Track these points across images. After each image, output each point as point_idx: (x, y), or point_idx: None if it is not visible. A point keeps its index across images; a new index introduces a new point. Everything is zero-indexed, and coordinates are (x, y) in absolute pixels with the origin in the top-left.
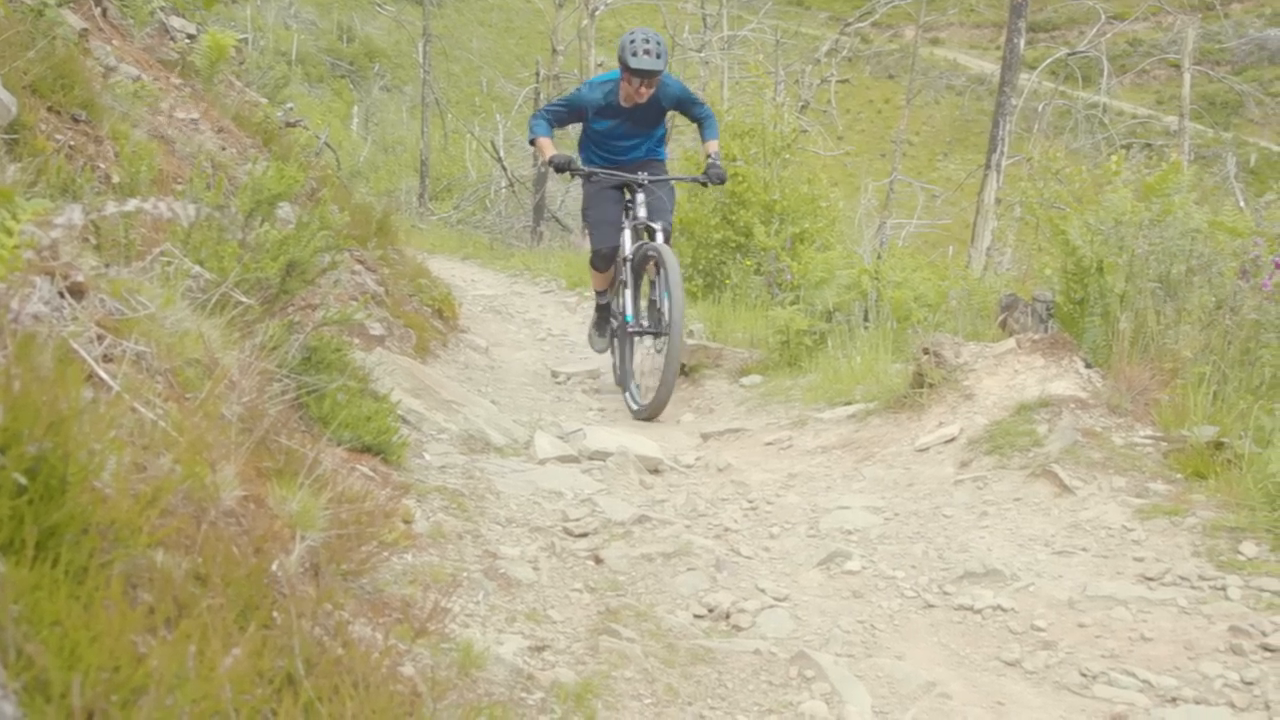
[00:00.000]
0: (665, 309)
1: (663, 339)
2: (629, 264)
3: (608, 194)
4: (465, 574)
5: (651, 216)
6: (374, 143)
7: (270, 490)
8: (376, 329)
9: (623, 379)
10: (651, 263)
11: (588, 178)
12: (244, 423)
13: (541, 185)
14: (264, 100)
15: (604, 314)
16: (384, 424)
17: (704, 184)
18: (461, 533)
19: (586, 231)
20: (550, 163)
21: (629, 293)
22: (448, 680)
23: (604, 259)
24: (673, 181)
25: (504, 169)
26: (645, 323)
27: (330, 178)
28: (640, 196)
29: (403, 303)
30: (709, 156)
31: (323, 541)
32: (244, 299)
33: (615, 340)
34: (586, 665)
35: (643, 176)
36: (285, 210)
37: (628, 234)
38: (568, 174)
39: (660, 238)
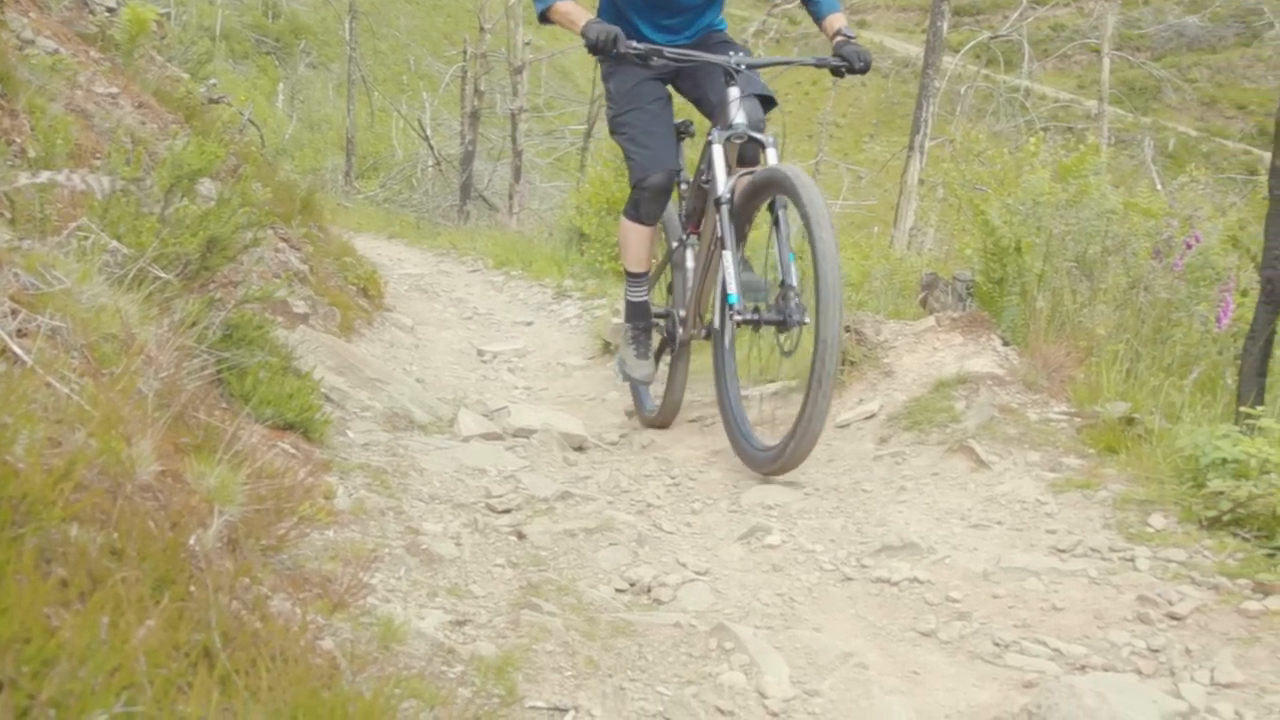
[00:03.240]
0: (793, 277)
1: (794, 333)
2: (726, 207)
3: (650, 88)
4: (387, 550)
5: (754, 124)
6: (299, 120)
7: (188, 466)
8: (300, 307)
9: (730, 413)
10: (771, 200)
11: (645, 60)
12: (161, 398)
13: (468, 164)
14: (186, 76)
15: (644, 318)
16: (306, 401)
17: (839, 72)
18: (384, 509)
19: (624, 152)
20: (585, 35)
21: (730, 256)
22: (367, 654)
23: (654, 198)
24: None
25: (431, 148)
26: (766, 308)
27: (254, 155)
28: (733, 92)
29: (327, 281)
30: (838, 34)
31: (241, 517)
32: (163, 274)
33: (674, 354)
34: (507, 639)
35: (737, 58)
36: (207, 187)
37: (718, 155)
38: (612, 56)
39: (774, 157)
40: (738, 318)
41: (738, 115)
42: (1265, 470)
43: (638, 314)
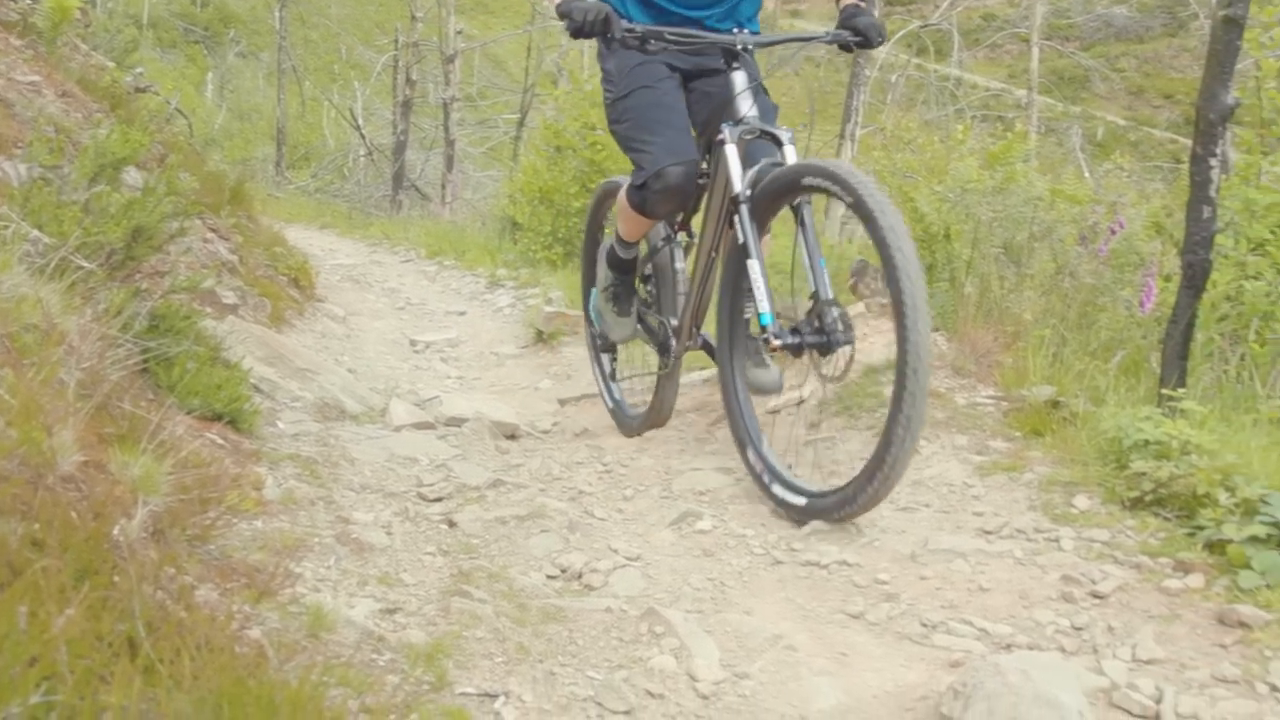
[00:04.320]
0: (828, 288)
1: (839, 355)
2: (747, 208)
3: (658, 68)
4: (317, 539)
5: (766, 116)
6: (229, 110)
7: (112, 456)
8: (229, 297)
9: (759, 458)
10: (802, 201)
11: (641, 43)
12: (83, 388)
13: (400, 153)
14: (112, 65)
15: (626, 271)
16: (235, 392)
17: (848, 47)
18: (314, 499)
19: (627, 145)
20: (566, 16)
21: (757, 267)
22: (296, 643)
23: (668, 197)
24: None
25: (363, 137)
26: (804, 331)
27: (181, 144)
28: (739, 79)
29: (257, 271)
30: (849, 2)
31: (166, 507)
32: (85, 264)
33: (663, 368)
34: (438, 626)
35: (742, 36)
36: (133, 176)
37: (732, 155)
38: (610, 37)
39: (792, 155)
40: (776, 341)
41: (747, 107)
42: (1186, 451)
43: (621, 267)
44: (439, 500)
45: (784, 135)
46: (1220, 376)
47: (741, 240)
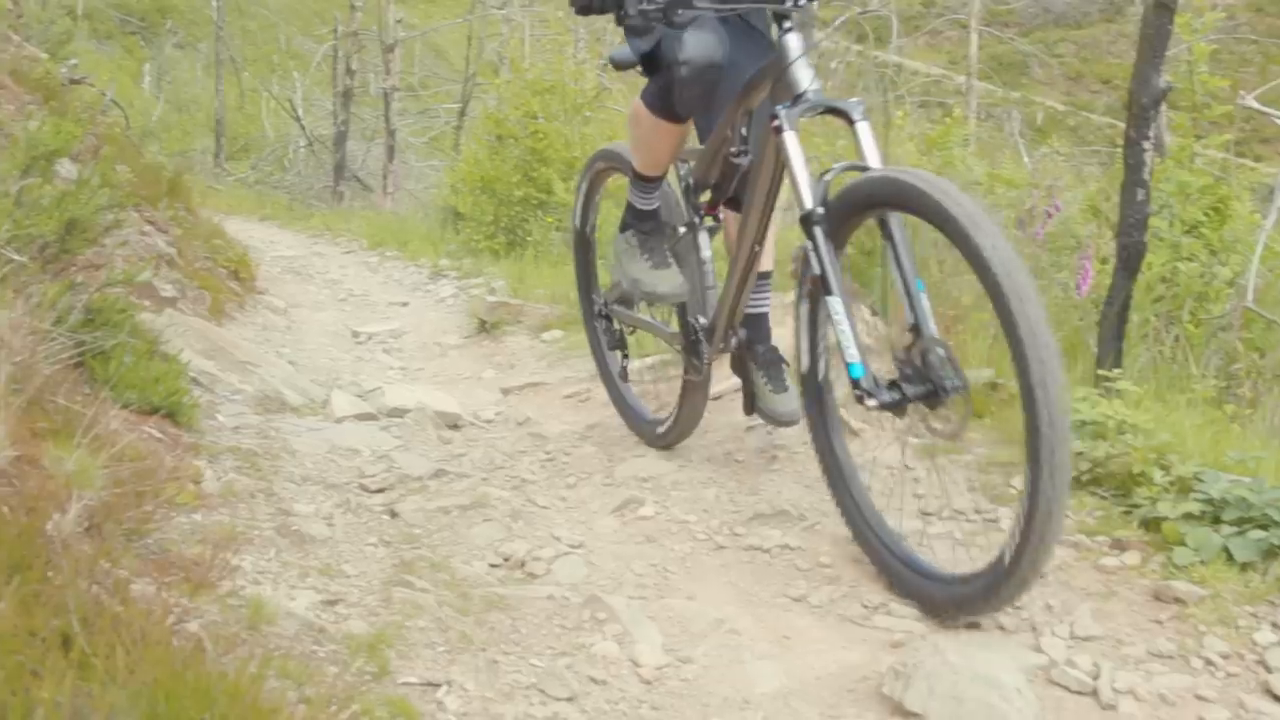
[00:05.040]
0: (931, 320)
1: (950, 405)
2: (821, 229)
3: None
4: (257, 532)
5: (805, 78)
6: (167, 102)
7: (45, 450)
8: (168, 291)
9: (877, 536)
10: (882, 217)
11: (665, 17)
12: (15, 383)
13: (341, 144)
14: (45, 56)
15: (650, 221)
16: (174, 385)
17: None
18: (254, 491)
19: (649, 51)
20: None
21: (839, 305)
22: (235, 636)
23: (697, 78)
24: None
25: (303, 128)
26: (905, 381)
27: (117, 136)
28: (794, 42)
29: (196, 264)
30: None
31: (101, 501)
32: (16, 257)
33: (689, 374)
34: (380, 617)
35: None
36: (67, 168)
37: (793, 145)
38: (624, 15)
39: (869, 137)
40: (872, 401)
41: (808, 79)
42: (1122, 431)
43: (643, 219)
44: (381, 491)
45: (855, 110)
46: (1155, 357)
47: (818, 271)
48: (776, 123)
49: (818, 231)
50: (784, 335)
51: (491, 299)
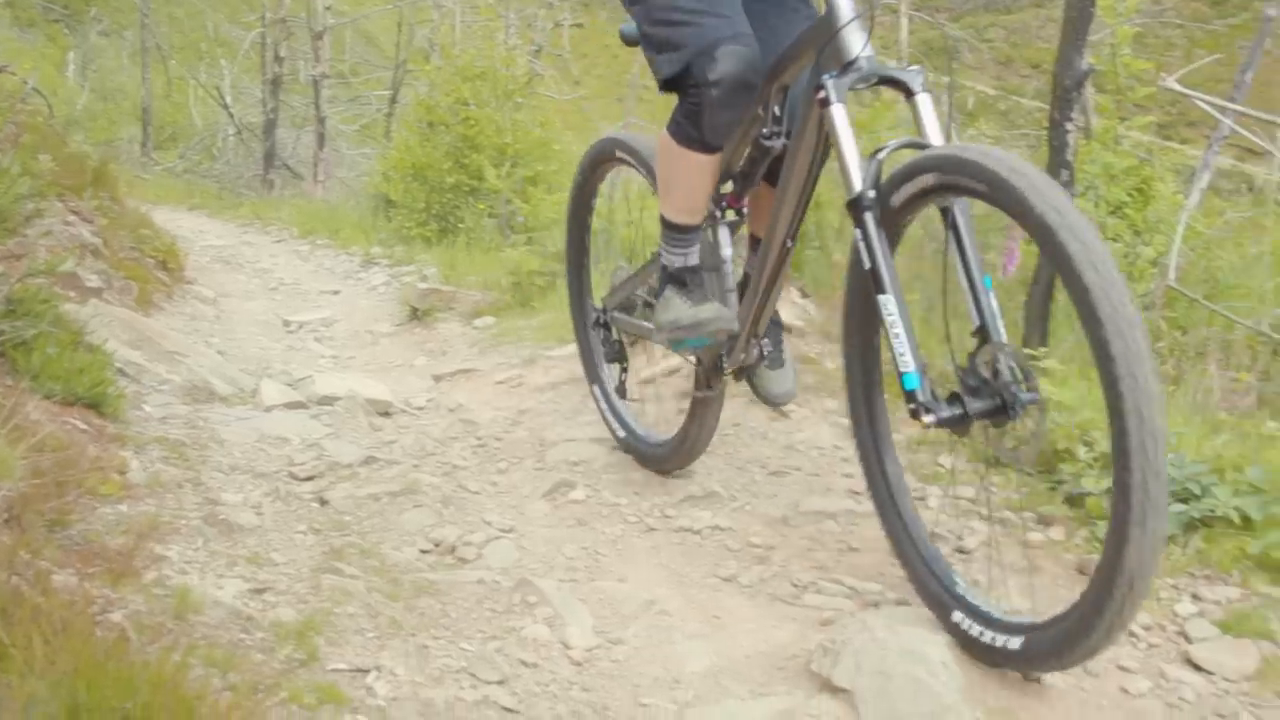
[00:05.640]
0: (1001, 325)
1: (1023, 421)
2: (873, 215)
3: None
4: (184, 521)
5: (857, 44)
6: (92, 90)
7: None
8: (93, 281)
9: (919, 568)
10: (946, 204)
11: None
12: None
13: (271, 132)
14: None
15: (693, 279)
16: (98, 375)
17: None
18: (181, 481)
19: (660, 37)
20: None
21: (897, 306)
22: (160, 625)
23: (730, 94)
24: None
25: (231, 116)
26: (969, 394)
27: (39, 125)
28: (844, 1)
29: (122, 254)
30: None
31: (20, 492)
32: None
33: (700, 389)
34: (309, 604)
35: None
36: None
37: (842, 119)
38: None
39: (931, 110)
40: (928, 417)
41: (860, 45)
42: (1049, 409)
43: (684, 281)
44: (311, 479)
45: (915, 80)
46: (1080, 336)
47: (868, 265)
48: (823, 94)
49: (869, 218)
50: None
51: (423, 286)
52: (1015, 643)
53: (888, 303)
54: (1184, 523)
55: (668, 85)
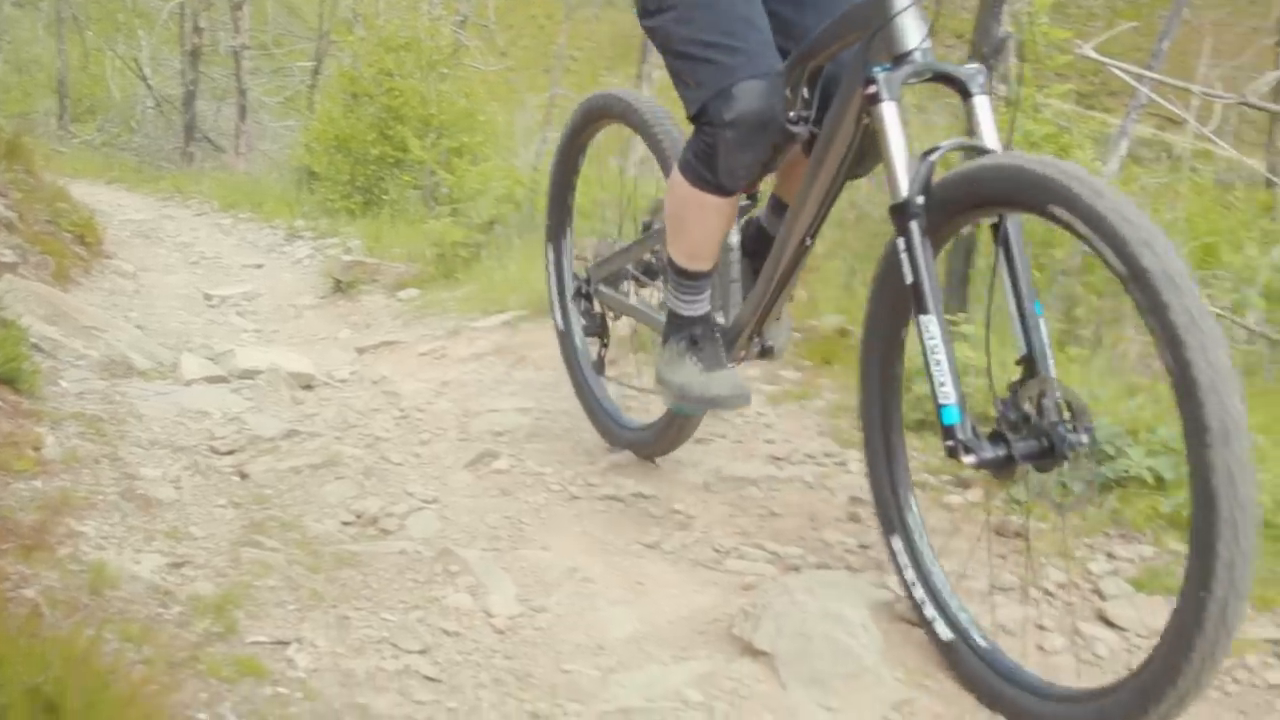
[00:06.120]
0: (1050, 359)
1: (1075, 467)
2: (919, 223)
3: None
4: (101, 497)
5: (914, 34)
6: (6, 62)
7: None
8: (8, 256)
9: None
10: (997, 219)
11: None
12: None
13: (191, 104)
14: None
15: (701, 325)
16: (13, 351)
17: None
18: (98, 457)
19: (680, 69)
20: None
21: (936, 327)
22: (75, 600)
23: (749, 134)
24: None
25: (150, 88)
26: (1012, 431)
27: None
28: None
29: (37, 228)
30: None
31: None
32: None
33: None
34: (228, 577)
35: None
36: None
37: (893, 122)
38: None
39: (988, 113)
40: (968, 458)
41: (916, 34)
42: (965, 373)
43: (690, 325)
44: (231, 453)
45: (973, 80)
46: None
47: (909, 279)
48: (873, 89)
49: (914, 227)
50: None
51: (347, 259)
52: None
53: (930, 324)
54: (1099, 484)
55: (690, 118)
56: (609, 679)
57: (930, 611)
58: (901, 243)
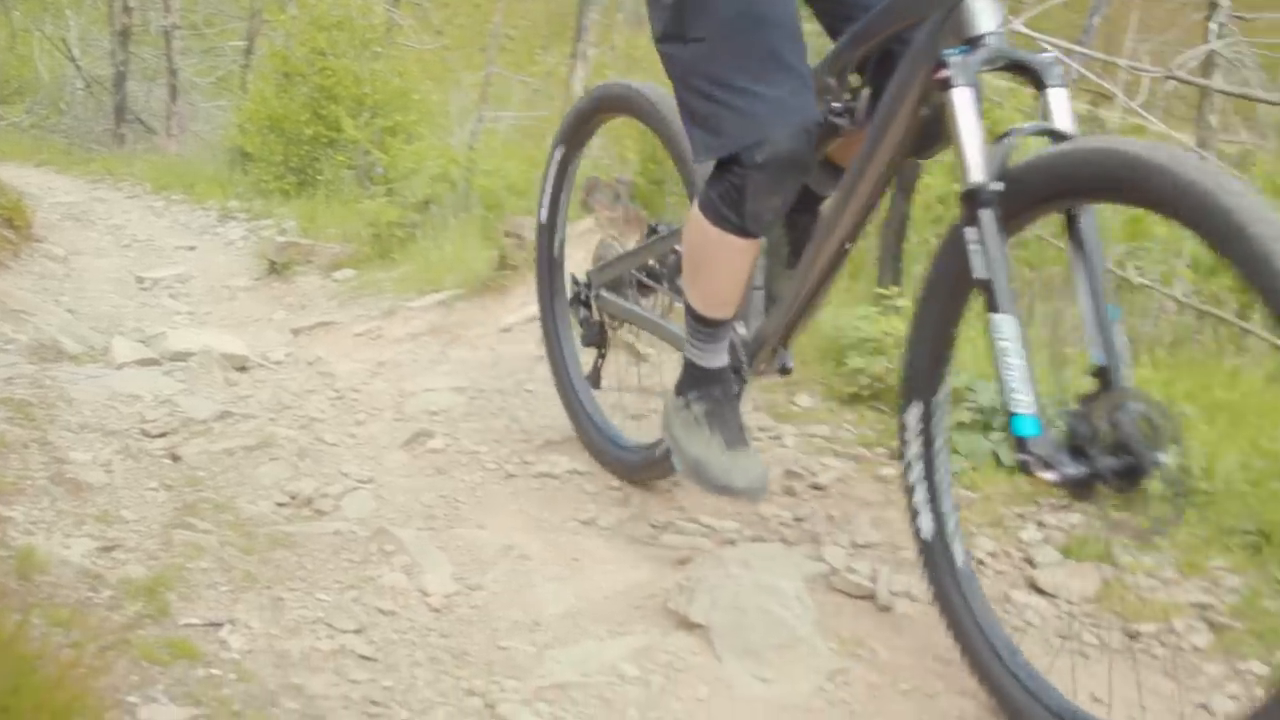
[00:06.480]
0: (1122, 361)
1: (1157, 486)
2: (993, 212)
3: None
4: (30, 482)
5: (990, 17)
6: None
7: None
8: None
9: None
10: (1071, 210)
11: None
12: None
13: (121, 86)
14: None
15: (721, 384)
16: None
17: None
18: (27, 441)
19: (704, 112)
20: None
21: (1011, 326)
22: (2, 585)
23: (776, 178)
24: None
25: (79, 69)
26: (1091, 444)
27: None
28: None
29: None
30: None
31: None
32: None
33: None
34: (160, 560)
35: None
36: None
37: (965, 107)
38: None
39: (1065, 106)
40: (1049, 474)
41: (991, 18)
42: (899, 347)
43: (709, 381)
44: (163, 435)
45: (1050, 71)
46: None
47: (983, 274)
48: (945, 73)
49: (988, 217)
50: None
51: (281, 240)
52: None
53: (1003, 324)
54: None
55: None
56: (545, 655)
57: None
58: (972, 233)
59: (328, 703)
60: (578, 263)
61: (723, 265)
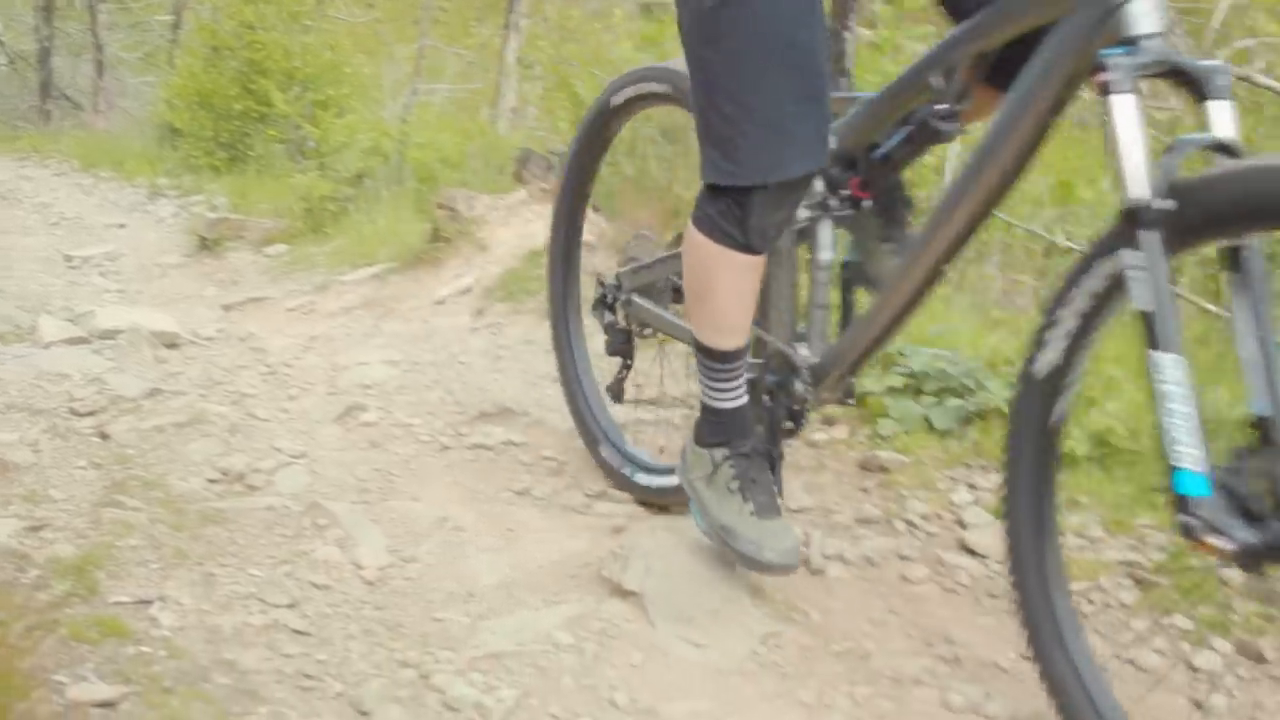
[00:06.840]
0: None
1: None
2: (1160, 235)
3: None
4: None
5: (1151, 17)
6: None
7: None
8: None
9: None
10: (1251, 244)
11: None
12: None
13: (46, 61)
14: None
15: (744, 434)
16: None
17: None
18: None
19: (720, 133)
20: None
21: (1179, 367)
22: None
23: (780, 199)
24: None
25: (1, 44)
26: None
27: None
28: None
29: None
30: None
31: None
32: None
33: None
34: (89, 538)
35: None
36: None
37: (1127, 113)
38: None
39: (1226, 116)
40: (1221, 541)
41: (1156, 17)
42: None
43: (729, 426)
44: (91, 414)
45: (1214, 79)
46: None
47: (1146, 305)
48: (1104, 76)
49: (1152, 240)
50: None
51: (213, 216)
52: None
53: (1166, 364)
54: (960, 417)
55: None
56: (479, 625)
57: None
58: (1131, 258)
59: (260, 677)
60: (504, 239)
61: (727, 285)
